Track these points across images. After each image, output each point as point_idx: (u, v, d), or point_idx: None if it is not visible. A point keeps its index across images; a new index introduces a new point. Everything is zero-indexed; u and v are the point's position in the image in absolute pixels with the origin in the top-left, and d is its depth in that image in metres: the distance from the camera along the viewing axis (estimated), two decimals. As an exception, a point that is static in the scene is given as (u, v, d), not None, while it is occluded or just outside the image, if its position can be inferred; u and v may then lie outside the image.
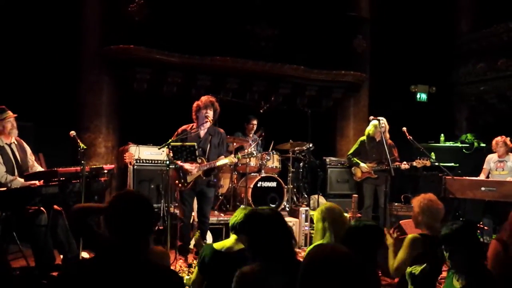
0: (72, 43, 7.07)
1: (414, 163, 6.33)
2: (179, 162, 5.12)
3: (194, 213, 5.54)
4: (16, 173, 4.70)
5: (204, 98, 5.29)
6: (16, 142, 4.86)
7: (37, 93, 6.56)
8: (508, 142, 6.67)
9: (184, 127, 5.35)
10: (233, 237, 3.13)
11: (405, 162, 6.37)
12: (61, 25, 6.97)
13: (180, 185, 5.17)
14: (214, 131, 5.38)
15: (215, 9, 7.37)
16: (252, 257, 2.50)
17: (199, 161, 5.17)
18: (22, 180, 4.59)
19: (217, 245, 3.13)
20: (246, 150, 5.75)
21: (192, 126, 5.32)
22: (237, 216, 3.12)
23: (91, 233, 2.77)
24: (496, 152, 6.77)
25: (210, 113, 5.22)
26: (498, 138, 6.75)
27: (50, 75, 6.88)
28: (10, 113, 4.79)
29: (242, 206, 4.82)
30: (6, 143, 4.74)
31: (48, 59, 6.85)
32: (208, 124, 5.25)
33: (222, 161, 5.32)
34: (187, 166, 5.12)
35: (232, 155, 5.55)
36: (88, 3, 7.10)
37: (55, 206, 4.61)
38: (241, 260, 2.66)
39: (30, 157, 4.99)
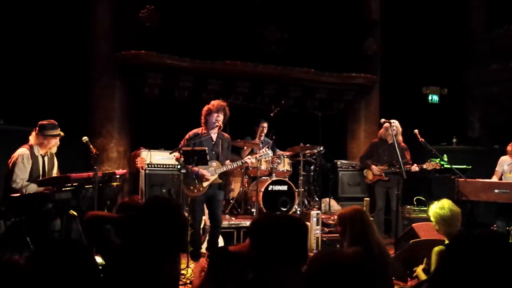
0: (84, 49, 7.15)
1: (424, 166, 6.29)
2: (195, 169, 5.11)
3: (205, 217, 5.55)
4: None
5: (215, 102, 5.28)
6: (49, 155, 4.96)
7: (49, 99, 6.63)
8: None
9: (195, 130, 5.36)
10: None
11: (415, 165, 6.33)
12: (72, 31, 7.05)
13: (196, 191, 5.16)
14: (223, 135, 5.43)
15: (225, 14, 7.41)
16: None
17: (214, 164, 5.19)
18: (35, 185, 4.65)
19: None
20: (262, 151, 5.76)
21: (202, 130, 5.34)
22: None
23: (105, 241, 2.78)
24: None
25: (221, 118, 5.23)
26: None
27: (62, 81, 6.95)
28: (59, 131, 4.89)
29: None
30: (41, 154, 4.84)
31: (60, 64, 6.93)
32: (217, 128, 5.27)
33: (239, 162, 5.35)
34: (204, 172, 5.13)
35: (249, 156, 5.58)
36: (99, 9, 7.18)
37: (71, 211, 4.66)
38: None
39: (56, 171, 5.08)
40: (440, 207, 3.49)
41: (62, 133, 4.90)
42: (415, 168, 6.32)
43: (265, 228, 2.39)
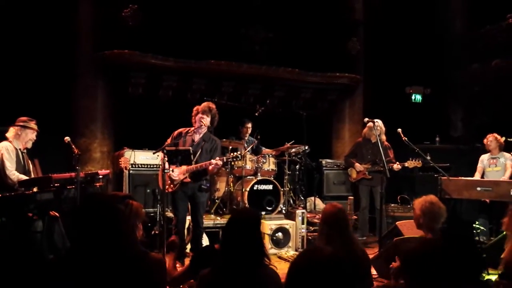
0: (67, 48, 7.07)
1: (406, 164, 6.36)
2: (166, 166, 5.07)
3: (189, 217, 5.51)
4: None
5: (203, 104, 5.29)
6: (25, 152, 4.98)
7: (31, 99, 6.55)
8: (499, 137, 6.74)
9: (180, 130, 5.32)
10: None
11: (398, 163, 6.40)
12: (55, 31, 6.97)
13: (172, 185, 5.14)
14: (209, 137, 5.31)
15: (209, 13, 7.38)
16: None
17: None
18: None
19: None
20: (231, 154, 5.58)
21: (189, 129, 5.31)
22: None
23: None
24: (489, 150, 6.84)
25: (206, 119, 5.19)
26: (489, 136, 6.83)
27: (45, 81, 6.88)
28: (36, 127, 5.01)
29: None
30: (20, 148, 4.82)
31: (43, 64, 6.84)
32: (204, 129, 5.22)
33: (204, 163, 5.20)
34: (172, 174, 5.10)
35: (217, 157, 5.23)
36: (81, 8, 7.10)
37: (52, 212, 4.61)
38: None
39: (32, 170, 5.06)
40: (430, 201, 3.50)
41: (38, 129, 5.00)
42: (397, 166, 6.38)
43: None
